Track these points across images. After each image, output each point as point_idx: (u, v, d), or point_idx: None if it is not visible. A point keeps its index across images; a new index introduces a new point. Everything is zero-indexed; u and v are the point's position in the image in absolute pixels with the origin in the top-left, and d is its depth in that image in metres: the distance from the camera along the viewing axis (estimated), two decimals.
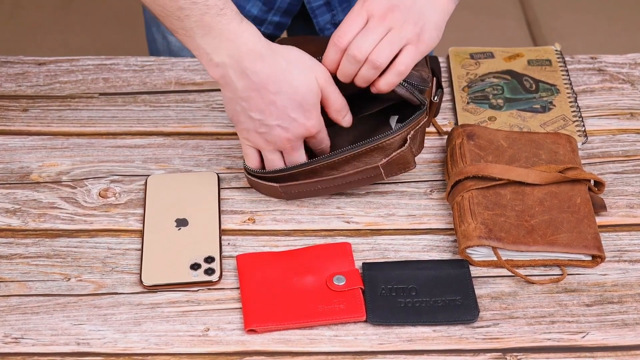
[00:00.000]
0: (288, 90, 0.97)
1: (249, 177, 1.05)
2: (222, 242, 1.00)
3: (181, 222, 1.01)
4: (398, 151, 0.99)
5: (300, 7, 1.25)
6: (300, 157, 1.02)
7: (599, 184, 1.03)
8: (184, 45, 0.98)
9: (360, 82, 1.00)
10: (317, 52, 1.01)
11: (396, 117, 1.07)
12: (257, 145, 1.01)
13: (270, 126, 0.98)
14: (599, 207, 1.03)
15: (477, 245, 0.97)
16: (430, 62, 1.10)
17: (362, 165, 1.00)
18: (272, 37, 1.32)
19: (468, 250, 0.98)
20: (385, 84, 0.99)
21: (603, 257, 0.97)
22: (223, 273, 0.97)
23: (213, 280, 0.96)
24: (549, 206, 1.00)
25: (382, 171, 1.00)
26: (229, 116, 1.01)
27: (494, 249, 0.97)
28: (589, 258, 0.98)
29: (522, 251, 0.97)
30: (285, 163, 1.02)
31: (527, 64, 1.21)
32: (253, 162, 1.03)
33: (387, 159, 0.99)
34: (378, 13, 0.98)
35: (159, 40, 1.34)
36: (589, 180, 1.03)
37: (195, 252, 0.98)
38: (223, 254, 0.99)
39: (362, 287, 0.95)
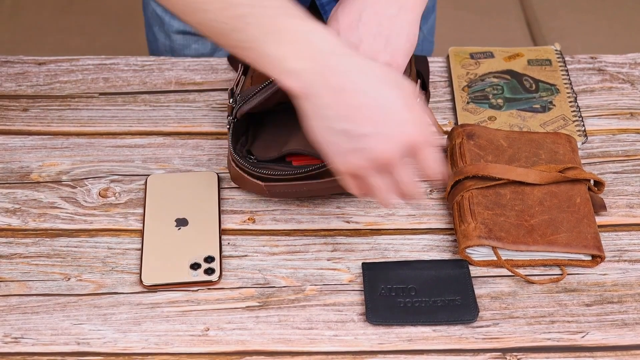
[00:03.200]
0: (379, 89, 0.83)
1: (236, 169, 1.01)
2: (222, 242, 1.00)
3: (181, 222, 1.01)
4: None
5: (309, 4, 1.25)
6: (407, 177, 0.85)
7: (598, 184, 1.03)
8: (246, 59, 0.84)
9: None
10: None
11: None
12: (351, 168, 0.85)
13: (359, 137, 0.82)
14: (599, 207, 1.03)
15: (477, 245, 0.97)
16: (417, 64, 1.10)
17: None
18: None
19: (468, 250, 0.98)
20: None
21: (603, 256, 0.97)
22: (223, 273, 0.97)
23: (213, 280, 0.96)
24: (549, 206, 1.00)
25: None
26: (321, 143, 0.85)
27: (494, 248, 0.97)
28: (589, 258, 0.98)
29: (522, 251, 0.97)
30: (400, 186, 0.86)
31: (527, 64, 1.21)
32: (355, 190, 0.89)
33: None
34: None
35: (160, 40, 1.34)
36: (589, 180, 1.03)
37: (195, 251, 0.98)
38: (223, 253, 0.99)
39: None
